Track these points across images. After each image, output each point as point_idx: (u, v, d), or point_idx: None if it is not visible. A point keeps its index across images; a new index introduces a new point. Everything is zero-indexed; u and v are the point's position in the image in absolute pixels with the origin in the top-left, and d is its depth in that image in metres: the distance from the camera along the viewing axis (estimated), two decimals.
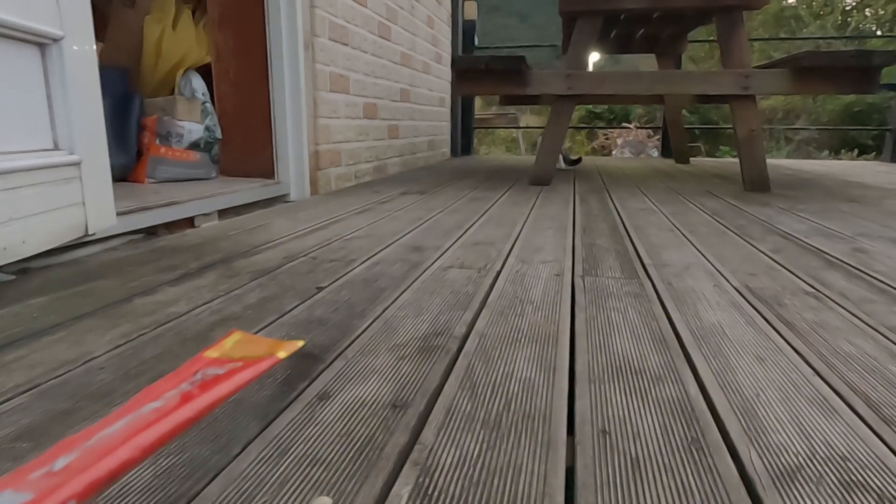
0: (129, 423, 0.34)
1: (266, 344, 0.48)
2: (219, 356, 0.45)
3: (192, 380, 0.39)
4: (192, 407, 0.36)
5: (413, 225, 1.49)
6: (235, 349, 0.47)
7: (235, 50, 1.98)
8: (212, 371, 0.40)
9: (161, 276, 1.00)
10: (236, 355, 0.45)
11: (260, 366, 0.41)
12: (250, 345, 0.48)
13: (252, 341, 0.47)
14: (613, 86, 2.40)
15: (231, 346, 0.47)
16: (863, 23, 9.43)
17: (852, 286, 0.97)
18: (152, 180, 1.81)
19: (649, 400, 0.57)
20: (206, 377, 0.39)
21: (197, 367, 0.43)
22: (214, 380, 0.39)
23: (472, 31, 4.27)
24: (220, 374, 0.39)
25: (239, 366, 0.41)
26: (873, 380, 0.62)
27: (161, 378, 0.40)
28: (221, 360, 0.44)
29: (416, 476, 0.44)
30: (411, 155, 3.26)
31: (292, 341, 0.43)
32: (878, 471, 0.46)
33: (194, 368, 0.42)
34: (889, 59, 2.07)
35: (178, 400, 0.37)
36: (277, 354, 0.42)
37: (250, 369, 0.40)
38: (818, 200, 2.03)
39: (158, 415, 0.35)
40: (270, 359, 0.42)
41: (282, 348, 0.44)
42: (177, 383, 0.38)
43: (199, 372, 0.40)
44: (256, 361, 0.41)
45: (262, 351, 0.45)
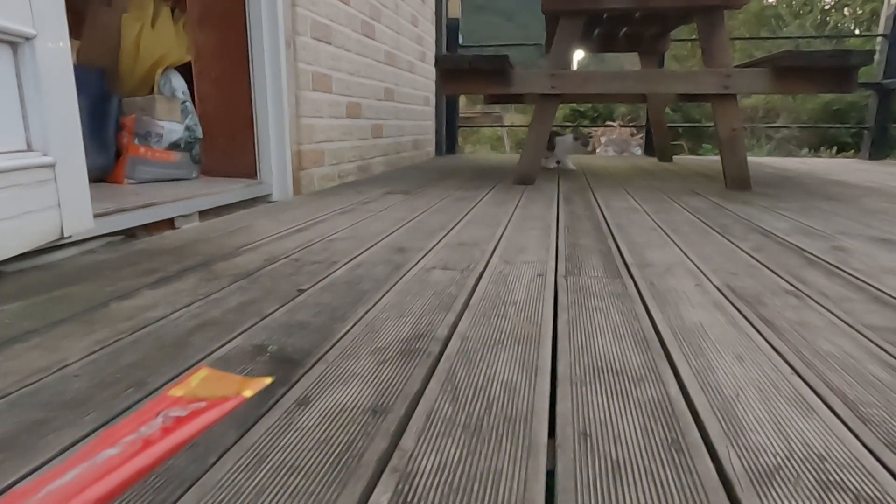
0: (82, 474, 0.32)
1: (233, 382, 0.46)
2: (183, 395, 0.44)
3: (153, 422, 0.38)
4: (151, 454, 0.35)
5: (397, 225, 1.48)
6: (201, 387, 0.45)
7: (216, 48, 1.96)
8: (174, 412, 0.39)
9: (140, 279, 0.98)
10: (202, 394, 0.44)
11: (225, 406, 0.39)
12: (217, 382, 0.46)
13: (219, 378, 0.46)
14: (596, 85, 2.41)
15: (197, 383, 0.46)
16: (841, 22, 9.58)
17: (832, 284, 0.98)
18: (132, 181, 1.78)
19: (630, 401, 0.57)
20: (167, 420, 0.38)
21: (160, 407, 0.42)
22: (177, 422, 0.37)
23: (457, 30, 4.26)
24: (183, 415, 0.38)
25: (203, 406, 0.40)
26: (851, 378, 0.63)
27: (123, 420, 0.38)
28: (186, 399, 0.43)
29: (395, 483, 0.44)
30: (396, 154, 3.24)
31: (260, 379, 0.42)
32: (854, 470, 0.46)
33: (157, 409, 0.41)
34: (866, 58, 2.10)
35: (137, 445, 0.35)
36: (244, 393, 0.41)
37: (215, 410, 0.39)
38: (799, 198, 2.05)
39: (114, 464, 0.34)
40: (236, 398, 0.41)
41: (248, 386, 0.43)
42: (137, 426, 0.37)
43: (162, 413, 0.39)
44: (221, 401, 0.40)
45: (229, 389, 0.44)
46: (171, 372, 0.62)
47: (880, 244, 1.29)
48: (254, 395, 0.40)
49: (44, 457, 0.46)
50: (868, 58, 2.13)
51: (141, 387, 0.59)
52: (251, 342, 0.71)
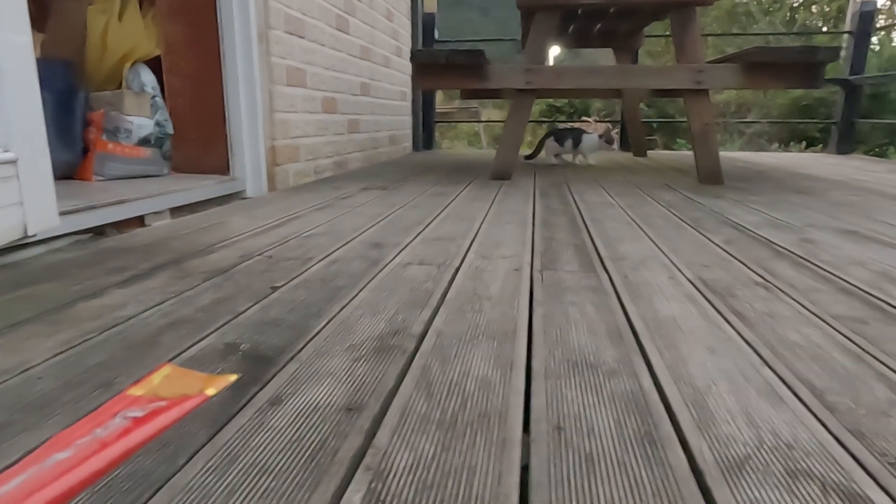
0: (29, 479, 0.31)
1: (196, 380, 0.45)
2: (144, 394, 0.42)
3: (111, 423, 0.36)
4: (104, 457, 0.33)
5: (373, 221, 1.47)
6: (163, 386, 0.43)
7: (186, 42, 1.92)
8: (133, 412, 0.37)
9: (108, 278, 0.96)
10: (163, 393, 0.42)
11: (185, 405, 0.38)
12: (180, 380, 0.45)
13: (182, 376, 0.44)
14: (571, 80, 2.42)
15: (159, 381, 0.44)
16: (809, 19, 9.78)
17: (800, 276, 1.00)
18: (100, 178, 1.74)
19: (604, 395, 0.57)
20: (125, 420, 0.36)
21: (118, 407, 0.40)
22: (134, 423, 0.36)
23: (433, 25, 4.25)
24: (141, 416, 0.37)
25: (163, 405, 0.38)
26: (818, 367, 0.64)
27: (78, 420, 0.36)
28: (146, 398, 0.41)
29: (368, 481, 0.44)
30: (373, 150, 3.22)
31: (224, 376, 0.41)
32: (821, 458, 0.47)
33: (115, 410, 0.39)
34: (832, 55, 2.14)
35: (92, 448, 0.34)
36: (207, 391, 0.40)
37: (174, 410, 0.37)
38: (769, 192, 2.09)
39: (63, 468, 0.32)
40: (198, 397, 0.39)
41: (212, 384, 0.41)
42: (92, 428, 0.36)
43: (120, 414, 0.37)
44: (182, 400, 0.39)
45: (191, 388, 0.42)
46: (140, 372, 0.61)
47: (846, 236, 1.32)
48: (217, 394, 0.39)
49: (5, 461, 0.45)
50: (835, 54, 2.17)
51: (108, 388, 0.57)
52: (223, 341, 0.70)
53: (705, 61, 2.32)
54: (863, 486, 0.43)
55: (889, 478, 0.44)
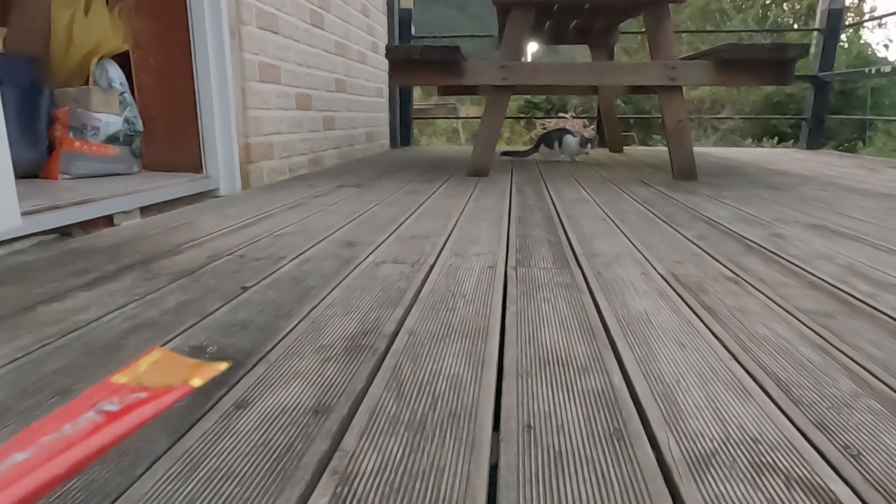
0: None
1: (185, 367, 0.42)
2: (128, 381, 0.40)
3: (84, 417, 0.34)
4: (66, 460, 0.31)
5: (347, 219, 1.46)
6: (149, 373, 0.41)
7: (155, 37, 1.88)
8: (108, 406, 0.35)
9: (71, 280, 0.93)
10: (147, 381, 0.39)
11: (164, 399, 0.36)
12: (168, 367, 0.42)
13: (171, 363, 0.42)
14: (547, 76, 2.43)
15: (146, 368, 0.41)
16: (781, 17, 9.95)
17: (769, 271, 1.01)
18: (67, 176, 1.70)
19: (575, 392, 0.57)
20: (97, 416, 0.34)
21: (98, 396, 0.37)
22: (106, 419, 0.34)
23: (409, 20, 4.22)
24: (115, 410, 0.34)
25: (142, 398, 0.36)
26: (785, 361, 0.65)
27: (52, 413, 0.34)
28: (129, 387, 0.39)
29: (334, 485, 0.43)
30: (349, 147, 3.20)
31: (213, 364, 0.39)
32: (786, 451, 0.48)
33: (93, 400, 0.37)
34: (802, 52, 2.18)
35: (54, 448, 0.31)
36: (192, 382, 0.38)
37: (152, 405, 0.35)
38: (741, 187, 2.12)
39: (17, 472, 0.30)
40: (181, 388, 0.37)
41: (199, 373, 0.39)
42: (63, 422, 0.33)
43: (95, 406, 0.35)
44: (164, 392, 0.37)
45: (177, 377, 0.40)
46: (100, 378, 0.59)
47: (815, 230, 1.34)
48: (204, 384, 0.37)
49: None
50: (804, 51, 2.21)
51: (66, 395, 0.56)
52: (189, 343, 0.68)
53: (679, 58, 2.35)
54: (825, 478, 0.44)
55: (851, 470, 0.45)
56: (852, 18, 8.56)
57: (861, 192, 2.03)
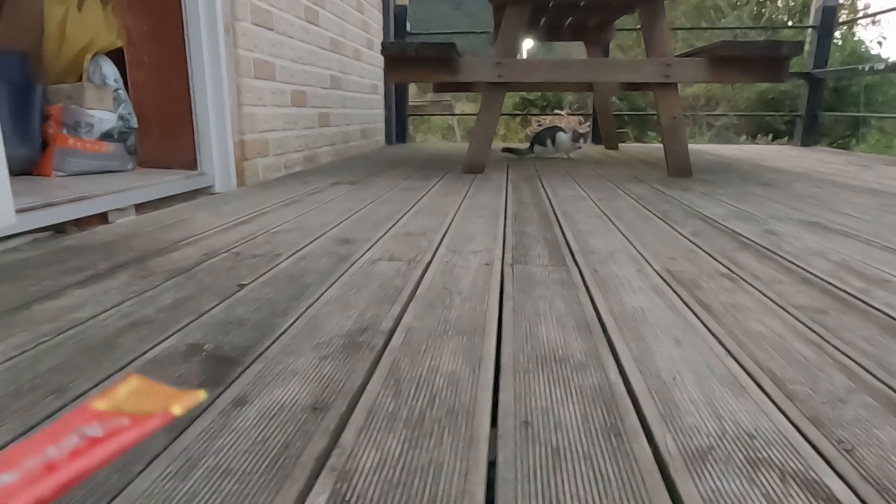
0: None
1: (164, 395, 0.41)
2: (108, 408, 0.39)
3: (66, 441, 0.34)
4: (51, 482, 0.31)
5: (343, 216, 1.46)
6: (129, 400, 0.40)
7: (149, 34, 1.87)
8: (90, 430, 0.35)
9: (66, 278, 0.93)
10: (127, 408, 0.39)
11: (146, 426, 0.35)
12: (146, 395, 0.41)
13: (149, 391, 0.41)
14: (542, 73, 2.43)
15: (125, 394, 0.41)
16: (775, 13, 9.97)
17: (763, 267, 1.02)
18: (61, 174, 1.69)
19: (572, 388, 0.58)
20: (80, 441, 0.34)
21: (78, 421, 0.37)
22: (88, 444, 0.33)
23: (404, 17, 4.21)
24: (99, 436, 0.34)
25: (124, 424, 0.35)
26: (779, 357, 0.65)
27: (34, 435, 0.34)
28: (109, 413, 0.38)
29: (333, 482, 0.43)
30: (344, 144, 3.19)
31: (193, 393, 0.38)
32: (781, 446, 0.48)
33: (74, 424, 0.36)
34: (797, 49, 2.19)
35: (39, 471, 0.31)
36: (172, 410, 0.37)
37: (134, 431, 0.35)
38: (735, 184, 2.13)
39: (6, 494, 0.30)
40: (162, 416, 0.36)
41: (179, 401, 0.38)
42: (46, 445, 0.33)
43: (77, 430, 0.35)
44: (145, 420, 0.36)
45: (157, 405, 0.39)
46: (97, 377, 0.59)
47: (808, 227, 1.35)
48: (183, 413, 0.37)
49: None
50: (798, 48, 2.22)
51: (62, 394, 0.56)
52: (186, 341, 0.68)
53: (674, 55, 2.35)
54: (820, 473, 0.44)
55: (845, 464, 0.45)
56: (846, 15, 8.59)
57: (854, 188, 2.04)
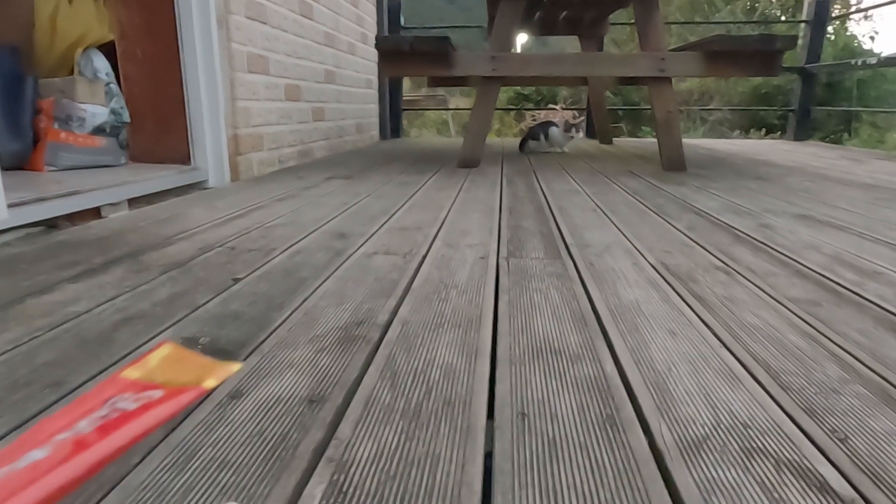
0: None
1: (197, 365, 0.40)
2: (139, 377, 0.37)
3: (95, 415, 0.32)
4: (84, 460, 0.29)
5: (338, 211, 1.45)
6: (160, 369, 0.39)
7: (142, 27, 1.85)
8: (122, 403, 0.33)
9: (60, 272, 0.92)
10: (159, 378, 0.37)
11: (180, 399, 0.34)
12: (178, 365, 0.40)
13: (182, 359, 0.40)
14: (537, 68, 2.43)
15: (156, 363, 0.39)
16: (769, 8, 9.99)
17: (758, 260, 1.02)
18: (53, 168, 1.67)
19: (567, 380, 0.58)
20: (112, 413, 0.33)
21: (110, 392, 0.35)
22: (122, 417, 0.32)
23: (398, 11, 4.19)
24: (131, 409, 0.33)
25: (158, 396, 0.34)
26: (773, 349, 0.66)
27: (64, 407, 0.32)
28: (140, 383, 0.37)
29: (330, 473, 0.43)
30: (338, 138, 3.18)
31: (226, 364, 0.37)
32: (775, 436, 0.48)
33: (106, 395, 0.35)
34: (790, 43, 2.19)
35: (70, 447, 0.30)
36: (205, 384, 0.36)
37: (168, 405, 0.33)
38: (729, 178, 2.14)
39: (37, 471, 0.28)
40: (195, 389, 0.35)
41: (213, 374, 0.37)
42: (76, 418, 0.32)
43: (109, 402, 0.34)
44: (178, 392, 0.35)
45: (190, 376, 0.37)
46: (93, 370, 0.59)
47: (802, 221, 1.36)
48: (217, 386, 0.36)
49: None
50: (792, 42, 2.22)
51: (58, 387, 0.55)
52: (181, 335, 0.68)
53: (668, 49, 2.35)
54: (814, 462, 0.45)
55: (838, 453, 0.46)
56: (839, 10, 8.61)
57: (847, 182, 2.05)
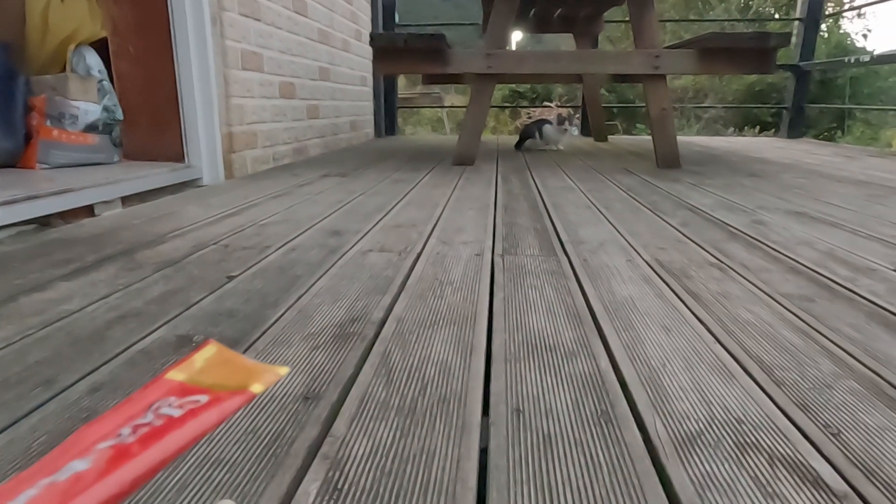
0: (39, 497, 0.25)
1: (242, 368, 0.37)
2: (184, 379, 0.35)
3: (140, 420, 0.31)
4: (129, 471, 0.27)
5: (333, 208, 1.45)
6: (206, 371, 0.37)
7: (135, 24, 1.84)
8: (167, 409, 0.32)
9: (52, 270, 0.92)
10: (205, 381, 0.35)
11: (227, 406, 0.32)
12: (224, 367, 0.37)
13: (227, 361, 0.37)
14: (532, 65, 2.43)
15: (201, 364, 0.37)
16: (762, 6, 10.02)
17: (751, 256, 1.03)
18: (45, 166, 1.66)
19: (562, 376, 0.58)
20: (156, 420, 0.31)
21: (155, 395, 0.34)
22: (167, 424, 0.30)
23: (393, 8, 4.18)
24: (177, 415, 0.31)
25: (203, 402, 0.32)
26: (767, 344, 0.66)
27: (109, 410, 0.31)
28: (186, 386, 0.35)
29: (325, 470, 0.43)
30: (333, 136, 3.17)
31: (273, 368, 0.35)
32: (768, 431, 0.49)
33: (151, 398, 0.33)
34: (784, 41, 2.20)
35: (113, 457, 0.28)
36: (252, 388, 0.34)
37: (214, 411, 0.31)
38: (723, 175, 2.15)
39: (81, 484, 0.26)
40: (243, 395, 0.33)
41: (259, 378, 0.35)
42: (120, 424, 0.30)
43: (153, 407, 0.32)
44: (226, 397, 0.33)
45: (236, 380, 0.35)
46: (86, 368, 0.59)
47: (795, 217, 1.36)
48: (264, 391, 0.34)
49: None
50: (786, 40, 2.23)
51: (50, 385, 0.55)
52: (175, 333, 0.68)
53: (663, 47, 2.35)
54: (807, 456, 0.45)
55: (831, 447, 0.46)
56: (832, 8, 8.65)
57: (840, 179, 2.06)
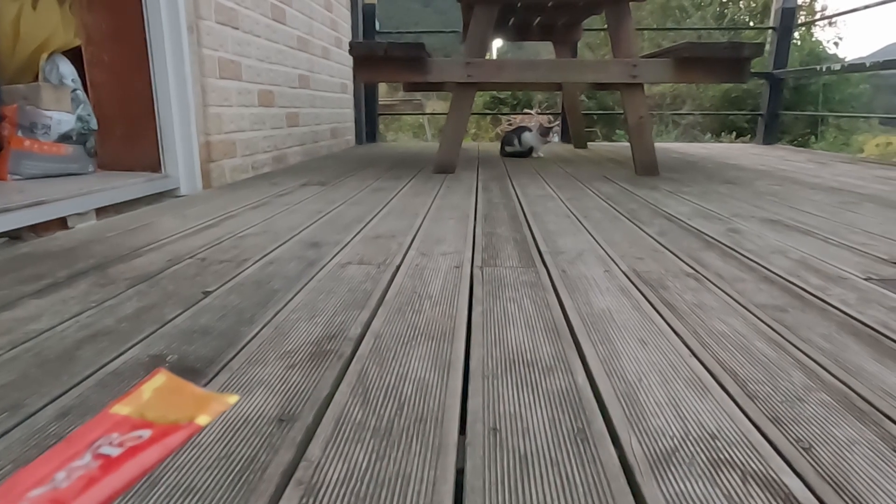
0: None
1: (190, 397, 0.36)
2: (129, 413, 0.34)
3: (75, 464, 0.29)
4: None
5: (312, 219, 1.44)
6: (152, 403, 0.36)
7: (109, 33, 1.81)
8: (107, 448, 0.31)
9: (22, 287, 0.90)
10: (150, 414, 0.34)
11: (170, 442, 0.31)
12: (172, 397, 0.36)
13: (176, 390, 0.36)
14: (511, 74, 2.44)
15: (149, 395, 0.36)
16: (737, 14, 10.21)
17: (727, 266, 1.04)
18: (17, 177, 1.63)
19: (540, 393, 0.58)
20: (94, 460, 0.30)
21: (97, 432, 0.32)
22: (102, 468, 0.29)
23: (373, 15, 4.18)
24: (115, 455, 0.30)
25: (146, 437, 0.31)
26: (741, 356, 0.67)
27: (46, 453, 0.30)
28: (130, 420, 0.34)
29: (299, 497, 0.42)
30: (313, 144, 3.15)
31: (222, 396, 0.34)
32: (742, 447, 0.49)
33: (92, 436, 0.32)
34: (757, 51, 2.24)
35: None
36: (198, 420, 0.33)
37: (156, 447, 0.30)
38: (700, 183, 2.18)
39: None
40: (187, 428, 0.32)
41: (206, 409, 0.34)
42: (55, 468, 0.29)
43: (93, 447, 0.31)
44: (170, 431, 0.32)
45: (182, 412, 0.34)
46: (54, 392, 0.57)
47: (769, 225, 1.39)
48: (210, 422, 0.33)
49: None
50: (759, 50, 2.27)
51: (17, 410, 0.54)
52: (148, 352, 0.66)
53: (640, 55, 2.38)
54: (779, 472, 0.46)
55: (803, 463, 0.47)
56: (805, 17, 8.84)
57: (813, 186, 2.10)
